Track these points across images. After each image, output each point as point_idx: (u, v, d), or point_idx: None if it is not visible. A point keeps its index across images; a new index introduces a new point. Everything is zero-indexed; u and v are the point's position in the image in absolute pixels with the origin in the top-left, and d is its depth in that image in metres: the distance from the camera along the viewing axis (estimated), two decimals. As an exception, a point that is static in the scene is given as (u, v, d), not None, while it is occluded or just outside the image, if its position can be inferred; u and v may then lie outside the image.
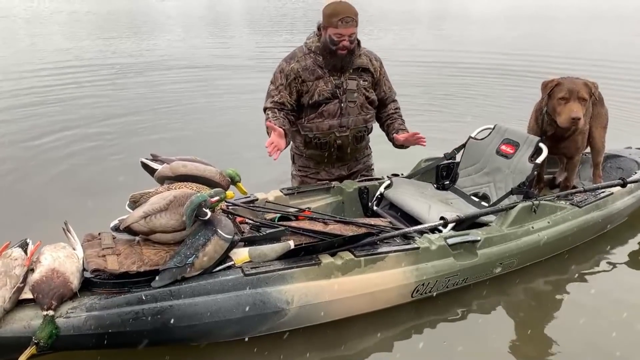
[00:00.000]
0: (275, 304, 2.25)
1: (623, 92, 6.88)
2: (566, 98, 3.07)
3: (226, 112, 6.45)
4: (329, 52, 2.99)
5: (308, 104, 3.09)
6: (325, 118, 3.10)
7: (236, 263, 2.27)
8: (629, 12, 20.74)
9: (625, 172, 3.65)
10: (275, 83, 3.10)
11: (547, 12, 20.96)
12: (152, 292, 2.10)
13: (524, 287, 2.89)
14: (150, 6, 23.97)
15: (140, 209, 2.28)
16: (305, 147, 3.26)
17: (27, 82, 7.82)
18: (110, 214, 2.42)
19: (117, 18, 18.44)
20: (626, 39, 13.17)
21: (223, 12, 22.03)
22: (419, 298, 2.62)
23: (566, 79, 3.12)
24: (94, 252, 2.21)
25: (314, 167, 3.35)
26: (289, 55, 3.14)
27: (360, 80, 3.13)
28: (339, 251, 2.43)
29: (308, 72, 3.06)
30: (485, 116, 5.77)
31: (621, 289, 2.92)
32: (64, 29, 15.33)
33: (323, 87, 3.06)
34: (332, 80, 3.07)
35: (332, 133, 3.13)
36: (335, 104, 3.08)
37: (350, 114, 3.12)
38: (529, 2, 25.66)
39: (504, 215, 2.86)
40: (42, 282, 2.00)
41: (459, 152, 3.45)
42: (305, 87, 3.07)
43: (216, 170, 2.58)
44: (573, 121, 3.05)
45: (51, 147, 5.09)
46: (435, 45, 12.12)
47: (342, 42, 2.93)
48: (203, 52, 11.08)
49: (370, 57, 3.19)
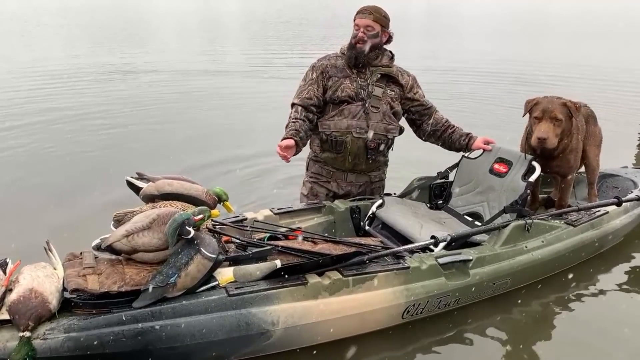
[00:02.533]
0: (260, 326, 2.19)
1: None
2: (539, 118, 3.07)
3: (217, 124, 6.47)
4: (350, 46, 3.11)
5: (331, 98, 3.11)
6: (345, 117, 3.10)
7: (220, 283, 2.22)
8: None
9: (622, 191, 3.61)
10: (306, 79, 3.17)
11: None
12: (132, 312, 2.05)
13: (519, 308, 2.82)
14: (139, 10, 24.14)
15: (122, 227, 2.24)
16: (321, 149, 3.22)
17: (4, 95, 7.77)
18: (94, 232, 2.38)
19: (106, 25, 18.63)
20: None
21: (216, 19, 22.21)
22: (410, 319, 2.55)
23: (545, 99, 3.11)
24: (75, 271, 2.16)
25: (325, 176, 3.30)
26: (322, 56, 3.25)
27: (387, 89, 3.16)
28: (326, 271, 2.38)
29: (336, 69, 3.14)
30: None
31: (618, 309, 2.86)
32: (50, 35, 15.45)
33: (348, 84, 3.11)
34: (359, 81, 3.12)
35: (350, 133, 3.10)
36: (358, 105, 3.10)
37: (371, 119, 3.11)
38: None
39: (497, 234, 2.81)
40: (19, 302, 1.95)
41: (452, 171, 3.42)
42: (331, 81, 3.13)
43: (202, 188, 2.55)
44: (539, 141, 3.02)
45: (34, 163, 5.01)
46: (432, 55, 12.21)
47: (359, 34, 3.04)
48: (192, 62, 11.17)
49: (402, 72, 3.25)
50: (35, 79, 9.25)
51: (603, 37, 18.37)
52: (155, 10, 25.13)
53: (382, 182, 3.42)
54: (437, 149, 3.50)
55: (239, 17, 21.77)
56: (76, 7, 21.77)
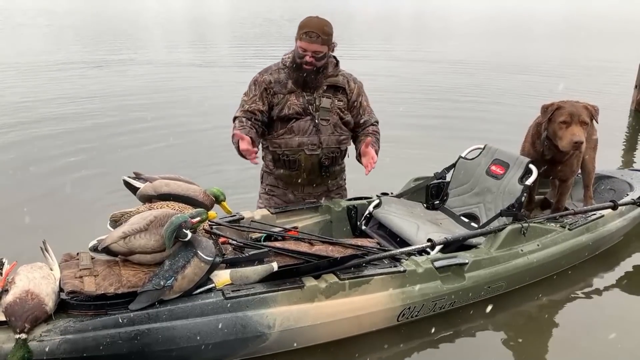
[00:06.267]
0: (257, 328, 2.20)
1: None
2: (567, 122, 3.00)
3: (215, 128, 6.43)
4: (295, 66, 2.89)
5: (278, 117, 2.95)
6: (296, 134, 2.94)
7: (217, 285, 2.22)
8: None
9: (617, 194, 3.62)
10: (249, 94, 2.98)
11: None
12: (129, 315, 2.05)
13: (513, 311, 2.85)
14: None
15: (119, 229, 2.23)
16: (275, 166, 3.08)
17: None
18: (90, 233, 2.38)
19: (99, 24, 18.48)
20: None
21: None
22: (405, 322, 2.57)
23: (567, 102, 3.06)
24: (71, 272, 2.16)
25: (282, 187, 3.17)
26: (263, 69, 3.04)
27: (335, 100, 2.99)
28: (323, 273, 2.39)
29: (280, 85, 2.94)
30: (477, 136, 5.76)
31: (612, 310, 2.90)
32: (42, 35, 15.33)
33: (294, 101, 2.93)
34: (305, 95, 2.95)
35: (302, 151, 2.96)
36: (307, 120, 2.94)
37: (322, 133, 2.96)
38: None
39: (493, 237, 2.82)
40: (15, 304, 1.95)
41: (449, 172, 3.42)
42: (276, 99, 2.95)
43: (200, 189, 2.54)
44: (575, 145, 2.97)
45: (30, 164, 4.97)
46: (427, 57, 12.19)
47: (306, 57, 2.82)
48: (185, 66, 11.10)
49: (348, 79, 3.05)
50: (26, 77, 9.19)
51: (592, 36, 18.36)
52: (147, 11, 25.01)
53: (342, 189, 3.31)
54: (434, 149, 3.50)
55: (238, 17, 21.66)
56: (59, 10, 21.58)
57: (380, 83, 8.84)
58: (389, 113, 3.40)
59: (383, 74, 10.03)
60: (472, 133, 5.82)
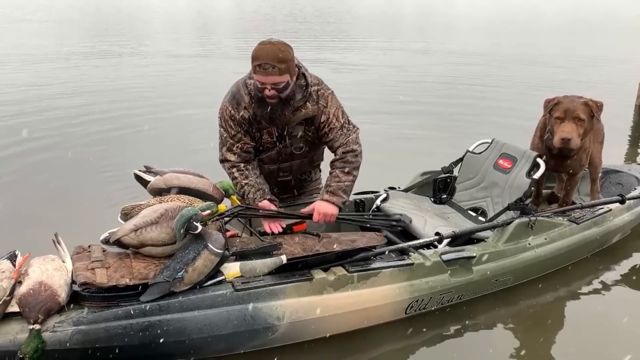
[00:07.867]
0: (266, 320, 2.22)
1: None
2: (561, 118, 3.01)
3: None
4: (258, 99, 2.56)
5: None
6: (266, 163, 2.80)
7: (227, 278, 2.25)
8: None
9: (625, 188, 3.62)
10: (230, 132, 2.67)
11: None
12: (140, 306, 2.08)
13: (521, 304, 2.86)
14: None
15: (131, 221, 2.26)
16: None
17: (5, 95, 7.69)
18: (101, 225, 2.40)
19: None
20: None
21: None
22: (413, 314, 2.58)
23: (567, 98, 3.05)
24: (83, 264, 2.19)
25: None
26: (233, 99, 2.65)
27: (307, 127, 2.73)
28: (332, 266, 2.40)
29: (256, 121, 2.66)
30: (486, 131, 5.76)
31: (620, 305, 2.90)
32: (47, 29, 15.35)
33: (267, 138, 2.72)
34: (275, 131, 2.71)
35: (272, 177, 2.86)
36: (280, 149, 2.75)
37: (294, 159, 2.82)
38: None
39: (501, 231, 2.82)
40: (29, 295, 1.98)
41: (456, 166, 3.43)
42: (253, 131, 2.72)
43: (210, 182, 2.56)
44: (563, 142, 2.98)
45: (42, 157, 5.02)
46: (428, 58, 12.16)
47: (266, 91, 2.48)
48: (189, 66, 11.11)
49: (317, 100, 2.66)
50: (32, 74, 9.23)
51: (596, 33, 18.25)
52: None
53: (318, 187, 3.12)
54: (441, 143, 3.50)
55: (239, 16, 21.67)
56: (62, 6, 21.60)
57: (387, 76, 8.85)
58: (397, 108, 3.39)
59: (390, 65, 10.00)
60: (480, 127, 5.84)
